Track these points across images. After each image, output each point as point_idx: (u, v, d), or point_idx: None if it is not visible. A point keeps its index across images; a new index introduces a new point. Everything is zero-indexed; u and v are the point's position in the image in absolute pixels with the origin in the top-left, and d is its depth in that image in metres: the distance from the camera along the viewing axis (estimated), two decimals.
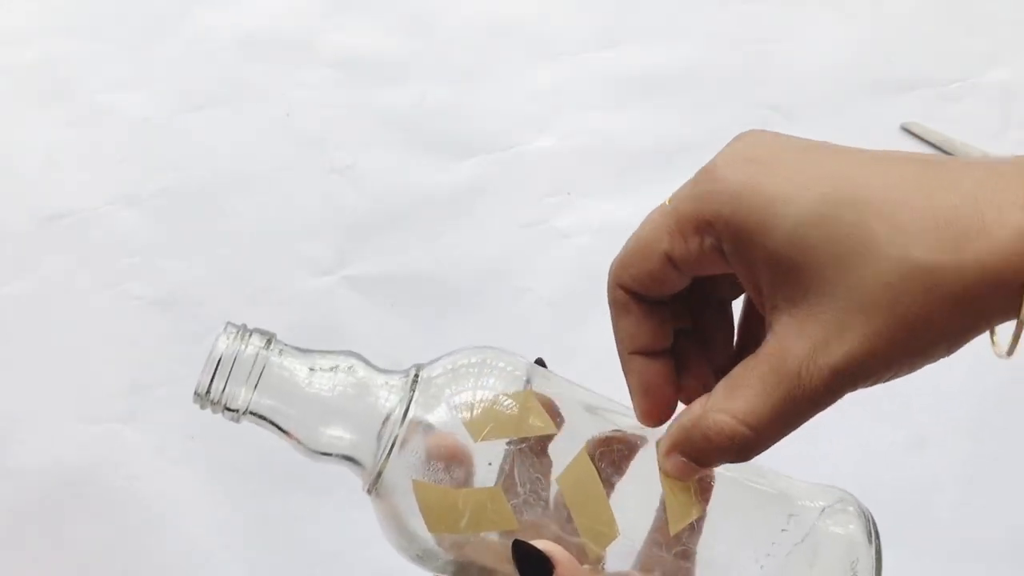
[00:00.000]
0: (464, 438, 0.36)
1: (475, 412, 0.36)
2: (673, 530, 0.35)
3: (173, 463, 0.64)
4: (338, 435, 0.37)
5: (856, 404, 0.40)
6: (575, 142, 0.72)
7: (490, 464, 0.36)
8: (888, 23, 0.74)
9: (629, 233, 0.40)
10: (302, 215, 0.70)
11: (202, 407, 0.37)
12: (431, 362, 0.38)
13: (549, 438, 0.36)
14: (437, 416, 0.36)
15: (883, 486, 0.62)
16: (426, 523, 0.35)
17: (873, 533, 0.36)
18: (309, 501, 0.63)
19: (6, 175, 0.71)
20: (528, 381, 0.37)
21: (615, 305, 0.37)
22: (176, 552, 0.62)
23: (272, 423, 0.37)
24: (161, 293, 0.68)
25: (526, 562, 0.34)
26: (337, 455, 0.37)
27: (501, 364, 0.38)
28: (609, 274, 0.37)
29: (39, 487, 0.63)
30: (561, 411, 0.37)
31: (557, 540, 0.35)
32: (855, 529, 0.36)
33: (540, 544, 0.34)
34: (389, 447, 0.36)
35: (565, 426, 0.37)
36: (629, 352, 0.37)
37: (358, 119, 0.72)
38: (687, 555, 0.36)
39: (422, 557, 0.37)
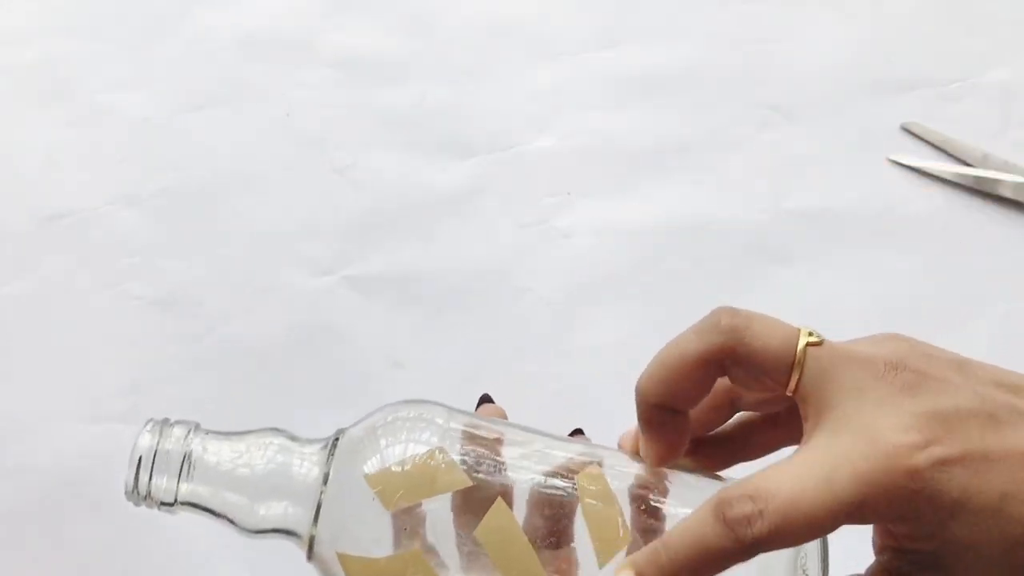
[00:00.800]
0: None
1: (386, 479, 0.36)
2: (602, 562, 0.35)
3: None
4: (270, 512, 0.37)
5: None
6: (575, 142, 0.72)
7: (405, 529, 0.36)
8: (888, 23, 0.74)
9: (629, 233, 0.40)
10: (302, 215, 0.70)
11: (136, 504, 0.38)
12: (352, 425, 0.39)
13: (468, 491, 0.36)
14: (354, 481, 0.37)
15: None
16: None
17: None
18: None
19: (6, 175, 0.71)
20: (443, 434, 0.38)
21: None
22: (176, 552, 0.62)
23: (206, 510, 0.38)
24: (161, 293, 0.68)
25: None
26: (273, 530, 0.38)
27: (414, 418, 0.38)
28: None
29: (39, 487, 0.63)
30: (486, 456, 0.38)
31: None
32: None
33: None
34: (314, 515, 0.37)
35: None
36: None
37: (358, 119, 0.72)
38: None
39: None
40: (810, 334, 0.35)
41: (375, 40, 0.75)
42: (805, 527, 0.32)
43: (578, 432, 0.43)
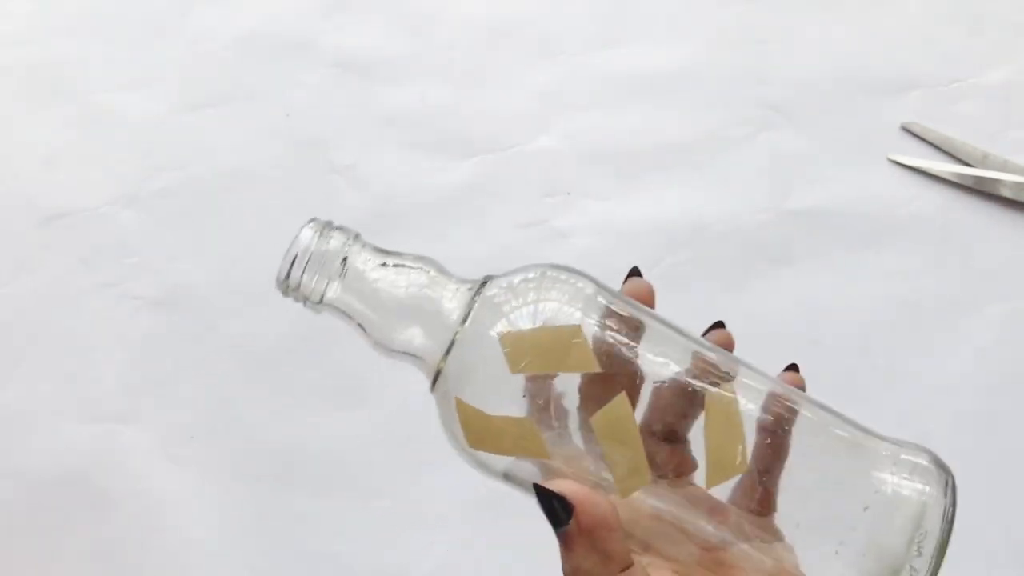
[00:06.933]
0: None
1: (518, 341, 0.36)
2: (710, 484, 0.35)
3: (173, 463, 0.64)
4: (407, 334, 0.38)
5: (862, 402, 0.40)
6: (575, 142, 0.72)
7: (531, 398, 0.36)
8: (888, 23, 0.74)
9: (629, 233, 0.40)
10: (302, 215, 0.70)
11: (284, 295, 0.39)
12: (503, 274, 0.39)
13: (596, 374, 0.36)
14: (489, 332, 0.37)
15: None
16: (466, 439, 0.36)
17: (948, 492, 0.35)
18: (309, 501, 0.63)
19: (6, 175, 0.71)
20: (588, 306, 0.37)
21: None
22: (176, 552, 0.62)
23: (348, 316, 0.39)
24: (161, 293, 0.68)
25: (546, 503, 0.34)
26: (404, 352, 0.38)
27: (563, 280, 0.38)
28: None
29: (39, 487, 0.63)
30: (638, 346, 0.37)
31: (589, 477, 0.35)
32: (929, 492, 0.35)
33: (557, 485, 0.34)
34: (446, 349, 0.37)
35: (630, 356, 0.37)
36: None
37: (358, 119, 0.72)
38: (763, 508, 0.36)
39: (475, 462, 0.37)
40: None
41: (375, 40, 0.75)
42: None
43: (718, 326, 0.41)
